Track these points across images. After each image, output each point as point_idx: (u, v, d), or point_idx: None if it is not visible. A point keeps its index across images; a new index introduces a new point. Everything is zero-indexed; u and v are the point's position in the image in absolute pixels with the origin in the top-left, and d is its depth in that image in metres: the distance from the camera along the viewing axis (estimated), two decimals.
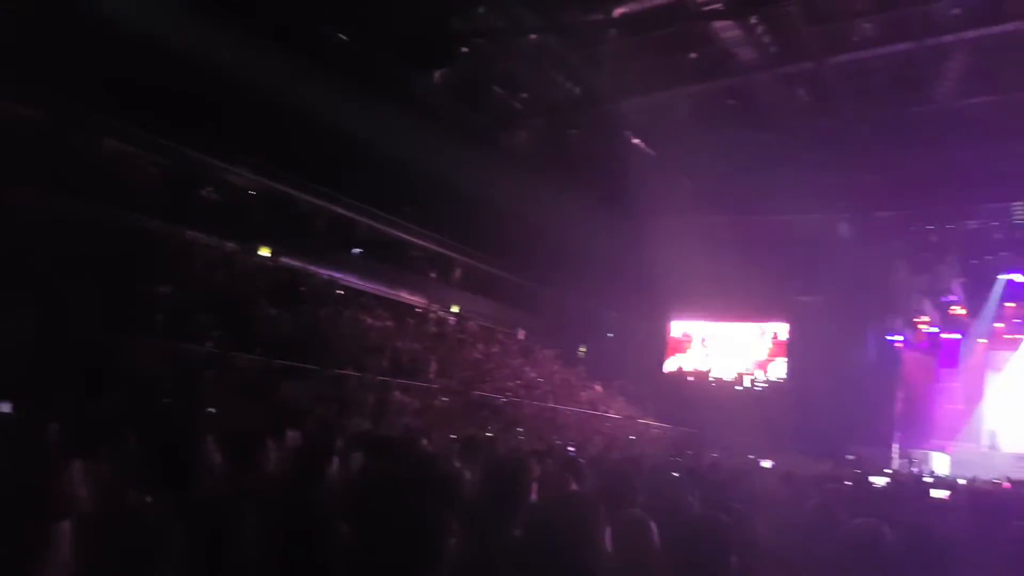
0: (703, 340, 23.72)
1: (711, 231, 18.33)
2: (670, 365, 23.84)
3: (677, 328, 24.13)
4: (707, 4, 13.08)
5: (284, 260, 13.29)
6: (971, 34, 13.34)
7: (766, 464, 11.91)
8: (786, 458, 13.35)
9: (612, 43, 14.31)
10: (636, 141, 17.50)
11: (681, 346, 24.02)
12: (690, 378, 23.29)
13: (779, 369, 22.13)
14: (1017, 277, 20.82)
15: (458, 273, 18.62)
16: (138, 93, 10.49)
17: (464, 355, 14.87)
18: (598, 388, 18.45)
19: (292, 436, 4.71)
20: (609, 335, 22.81)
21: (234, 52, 10.90)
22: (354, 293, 14.37)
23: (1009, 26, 12.92)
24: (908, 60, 14.39)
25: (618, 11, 13.82)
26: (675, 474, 8.62)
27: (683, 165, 17.58)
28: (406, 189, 15.09)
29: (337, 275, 14.24)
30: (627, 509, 3.69)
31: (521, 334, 18.80)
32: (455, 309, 17.37)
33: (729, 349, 23.24)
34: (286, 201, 14.49)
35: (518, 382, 15.18)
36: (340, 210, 15.28)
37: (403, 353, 12.86)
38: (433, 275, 17.92)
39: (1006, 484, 13.02)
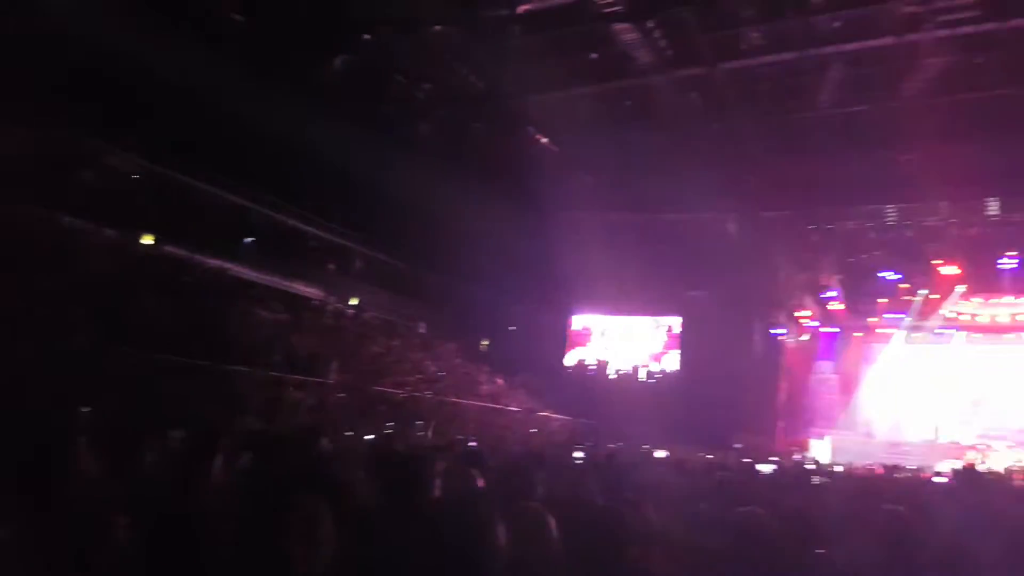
0: (602, 333, 24.28)
1: (610, 227, 18.78)
2: (571, 358, 24.27)
3: (578, 321, 24.60)
4: (607, 6, 13.29)
5: (169, 249, 12.57)
6: (849, 47, 14.20)
7: (660, 454, 12.26)
8: (679, 447, 13.82)
9: (516, 39, 14.35)
10: (539, 137, 17.66)
11: (582, 339, 24.50)
12: (590, 370, 23.78)
13: (672, 361, 22.95)
14: (889, 275, 22.45)
15: (358, 265, 18.22)
16: (5, 63, 9.61)
17: (363, 349, 14.56)
18: (500, 381, 18.53)
19: (174, 436, 4.45)
20: (511, 328, 22.97)
21: (119, 26, 10.16)
22: (246, 284, 13.77)
23: (883, 40, 13.82)
24: (792, 69, 15.13)
25: (522, 8, 13.87)
26: (577, 464, 8.76)
27: (584, 162, 17.88)
28: (303, 177, 14.56)
29: (227, 265, 13.61)
30: (526, 503, 3.68)
31: (422, 327, 18.62)
32: (354, 302, 16.98)
33: (627, 342, 23.90)
34: (172, 186, 13.70)
35: (419, 376, 15.01)
36: (232, 197, 14.60)
37: (298, 348, 12.44)
38: (331, 267, 17.44)
39: (879, 469, 13.97)
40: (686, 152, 17.18)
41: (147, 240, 12.39)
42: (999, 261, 20.43)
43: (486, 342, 21.83)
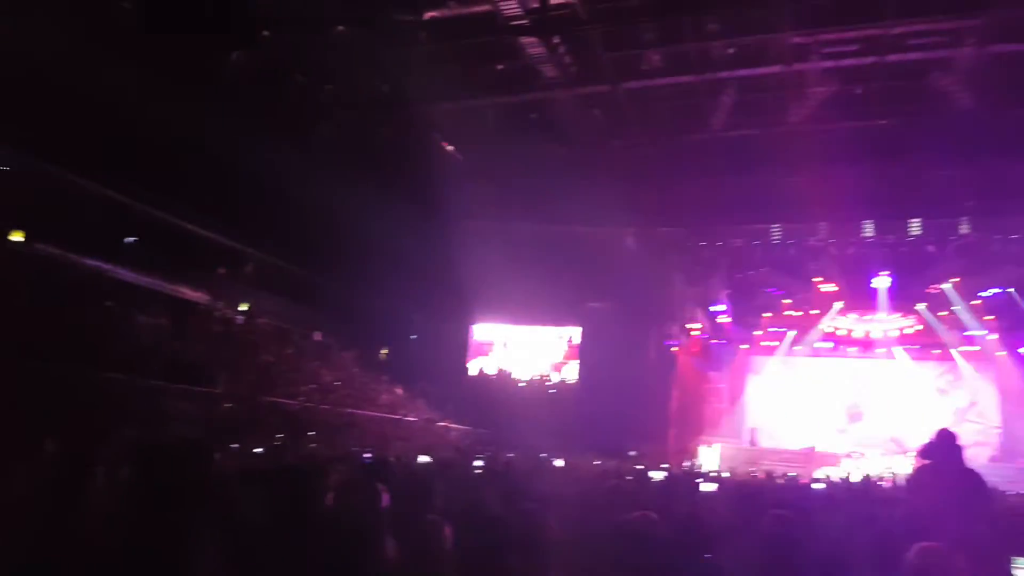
0: (504, 343, 24.38)
1: (513, 238, 18.90)
2: (473, 367, 24.22)
3: (480, 331, 24.60)
4: (514, 19, 13.41)
5: (40, 247, 11.64)
6: (741, 73, 14.94)
7: (558, 463, 12.35)
8: (576, 456, 13.99)
9: (422, 45, 14.26)
10: (445, 145, 17.59)
11: (484, 349, 24.50)
12: (492, 380, 23.80)
13: (572, 371, 23.30)
14: (775, 291, 23.70)
15: (249, 269, 17.45)
16: None
17: (254, 358, 13.97)
18: (400, 391, 18.24)
19: (46, 447, 4.10)
20: (412, 337, 22.68)
21: None
22: (126, 287, 12.91)
23: (772, 68, 14.62)
24: (689, 91, 15.78)
25: (428, 14, 13.80)
26: (476, 474, 8.70)
27: (489, 172, 17.94)
28: (191, 175, 13.78)
29: (106, 267, 12.73)
30: (422, 513, 3.60)
31: (318, 335, 18.06)
32: (244, 308, 16.25)
33: (529, 352, 24.09)
34: (45, 181, 12.70)
35: (313, 386, 14.55)
36: (112, 193, 13.62)
37: (182, 355, 11.78)
38: (221, 270, 16.63)
39: (762, 476, 14.59)
40: (588, 167, 17.56)
41: (16, 237, 11.44)
42: (873, 279, 21.96)
43: (386, 351, 21.46)
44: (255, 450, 9.31)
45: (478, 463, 10.16)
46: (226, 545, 2.49)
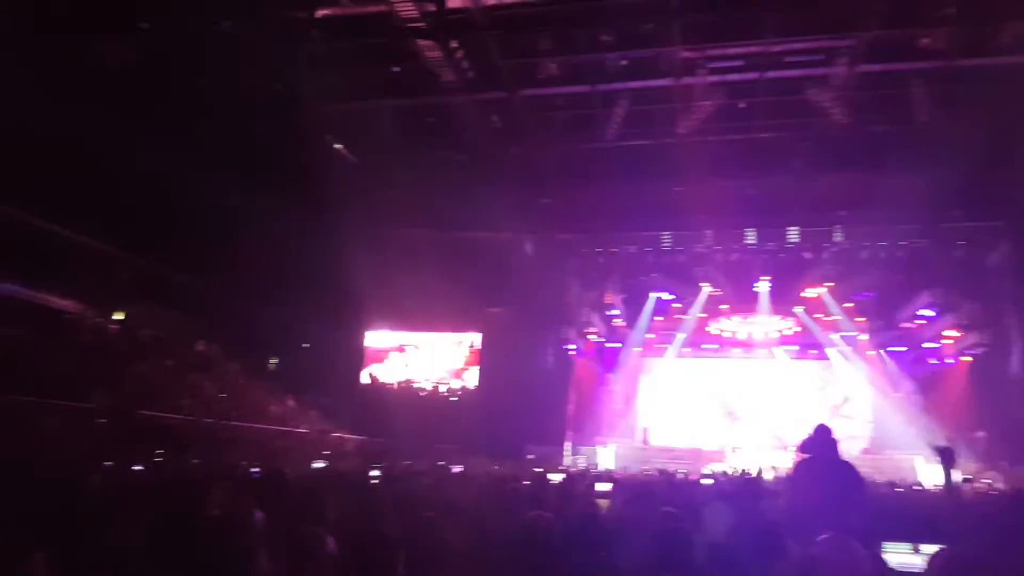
0: (401, 350, 24.00)
1: (410, 243, 18.65)
2: (367, 376, 23.71)
3: (375, 338, 24.12)
4: (410, 21, 13.26)
5: None
6: (634, 84, 15.38)
7: (457, 469, 12.28)
8: (475, 461, 13.95)
9: (315, 44, 13.86)
10: (339, 147, 17.17)
11: (379, 356, 24.03)
12: (388, 388, 23.38)
13: (473, 377, 23.22)
14: (664, 295, 24.56)
15: (124, 276, 16.29)
16: None
17: (130, 370, 13.09)
18: (290, 402, 17.60)
19: None
20: (304, 345, 21.96)
21: None
22: None
23: (663, 81, 15.13)
24: (584, 101, 16.09)
25: (321, 12, 13.44)
26: (371, 484, 8.49)
27: (385, 176, 17.62)
28: (58, 174, 12.72)
29: None
30: (307, 527, 3.44)
31: (201, 345, 17.14)
32: (119, 316, 15.19)
33: (428, 359, 23.82)
34: None
35: (196, 399, 13.80)
36: None
37: (46, 368, 10.88)
38: (92, 277, 15.43)
39: (654, 474, 15.02)
40: (486, 173, 17.60)
41: None
42: (755, 284, 23.15)
43: (275, 360, 20.64)
44: (134, 468, 8.74)
45: (374, 473, 9.96)
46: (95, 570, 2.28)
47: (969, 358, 20.93)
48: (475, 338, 23.55)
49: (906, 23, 13.11)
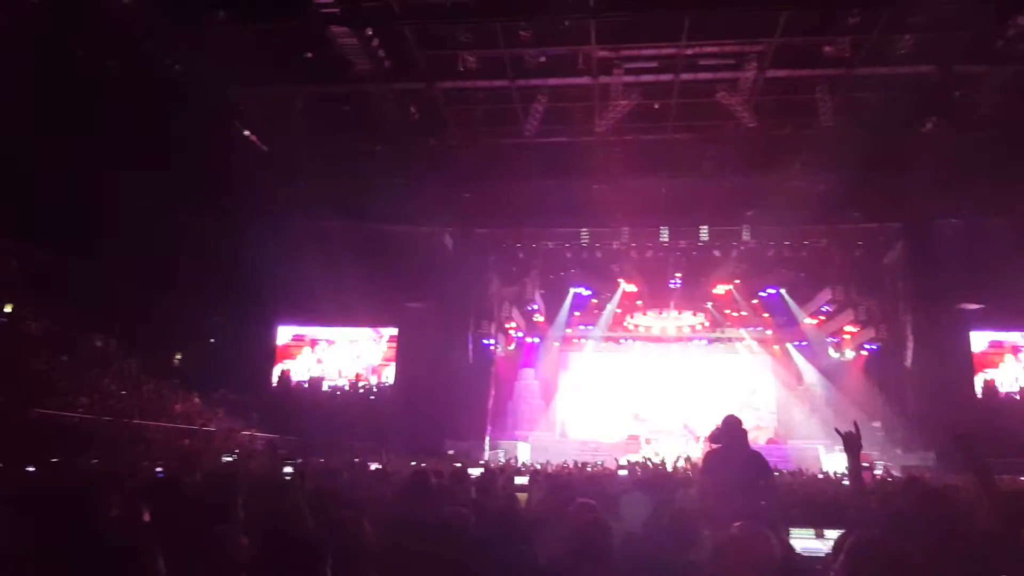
0: (315, 345, 23.40)
1: (325, 235, 18.17)
2: (279, 372, 23.00)
3: (287, 333, 23.40)
4: (324, 7, 12.90)
5: None
6: (552, 81, 15.48)
7: (374, 466, 12.08)
8: (394, 458, 13.75)
9: (222, 26, 13.27)
10: (248, 134, 16.54)
11: (291, 352, 23.35)
12: (302, 384, 22.76)
13: (391, 373, 22.85)
14: (583, 291, 24.94)
15: (13, 266, 15.14)
16: None
17: (19, 366, 12.21)
18: (196, 400, 16.85)
19: None
20: (211, 340, 21.07)
21: None
22: None
23: (581, 80, 15.29)
24: (504, 96, 16.08)
25: None
26: (284, 483, 8.22)
27: (298, 166, 17.09)
28: None
29: None
30: (218, 527, 3.30)
31: (99, 340, 16.16)
32: (8, 309, 14.15)
33: (344, 354, 23.30)
34: None
35: (95, 396, 13.03)
36: None
37: None
38: None
39: (572, 466, 15.23)
40: (404, 165, 17.36)
41: None
42: (669, 280, 23.80)
43: (179, 356, 19.69)
44: (27, 469, 8.18)
45: (287, 470, 9.66)
46: None
47: (866, 352, 22.16)
48: (393, 332, 23.19)
49: (811, 31, 13.71)
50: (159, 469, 8.88)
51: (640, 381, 26.45)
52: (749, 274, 23.28)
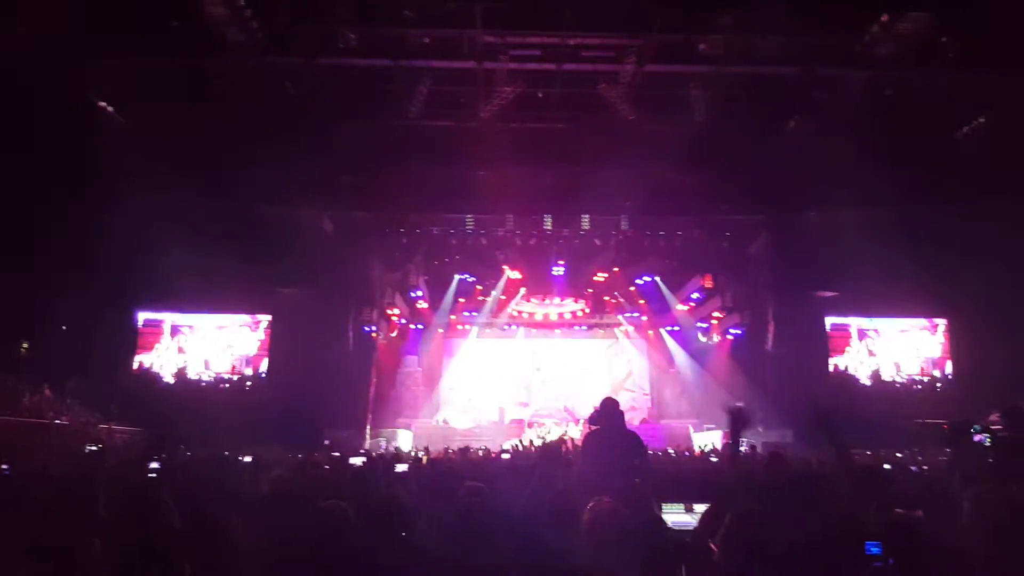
0: (177, 333, 22.07)
1: (191, 215, 17.09)
2: (139, 361, 21.57)
3: (148, 319, 21.95)
4: None
5: None
6: (437, 64, 15.28)
7: (247, 459, 11.59)
8: (269, 449, 13.23)
9: None
10: (104, 106, 15.28)
11: (154, 339, 21.93)
12: (167, 374, 21.48)
13: (264, 361, 21.96)
14: (467, 277, 24.96)
15: None
16: None
17: None
18: (47, 391, 15.55)
19: None
20: (63, 328, 19.34)
21: None
22: None
23: (466, 64, 15.18)
24: (386, 76, 15.70)
25: None
26: (150, 479, 7.74)
27: (162, 142, 15.96)
28: None
29: None
30: (69, 531, 3.11)
31: None
32: None
33: (211, 342, 22.15)
34: None
35: None
36: None
37: None
38: None
39: (454, 451, 15.25)
40: (280, 144, 16.57)
41: None
42: (552, 268, 24.24)
43: (26, 345, 17.97)
44: None
45: (153, 466, 9.14)
46: None
47: (731, 337, 23.50)
48: (267, 319, 22.27)
49: (687, 28, 14.25)
50: (4, 466, 8.13)
51: (523, 367, 26.88)
52: (627, 262, 24.09)
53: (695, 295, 24.04)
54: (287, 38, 14.04)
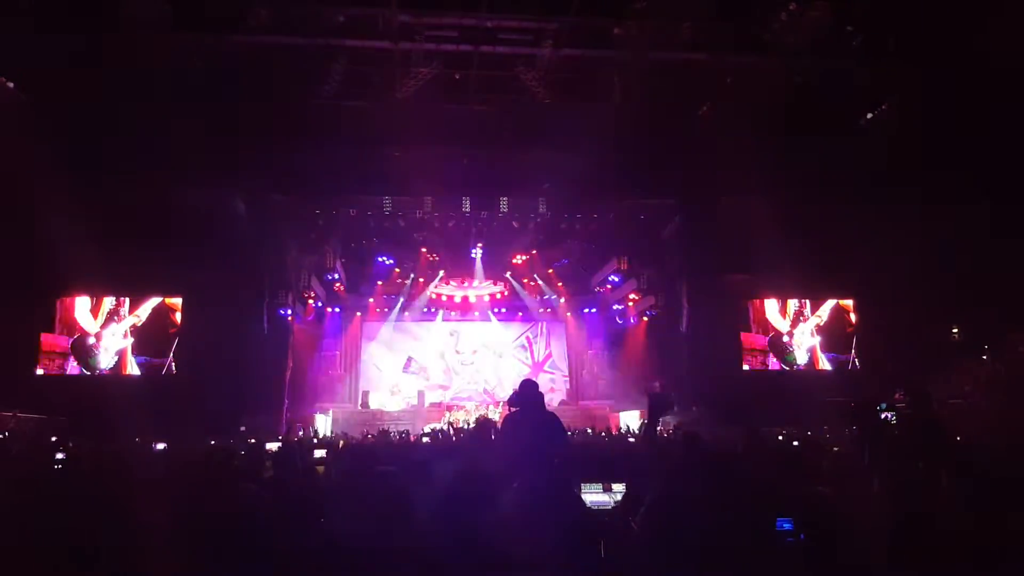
0: (80, 318, 20.96)
1: (93, 195, 16.21)
2: (44, 345, 20.40)
3: (52, 303, 20.73)
4: None
5: None
6: (351, 43, 14.96)
7: (160, 446, 11.23)
8: (181, 437, 12.79)
9: None
10: (3, 80, 14.29)
11: (61, 322, 20.75)
12: (74, 359, 20.40)
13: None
14: (385, 260, 24.69)
15: None
16: None
17: None
18: None
19: None
20: None
21: None
22: None
23: (381, 43, 14.94)
24: (299, 55, 15.26)
25: None
26: (56, 468, 7.41)
27: (58, 119, 15.06)
28: None
29: None
30: None
31: None
32: None
33: (122, 327, 21.11)
34: None
35: None
36: None
37: None
38: None
39: (372, 436, 15.17)
40: (189, 123, 15.88)
41: None
42: (471, 250, 24.25)
43: None
44: None
45: (59, 456, 8.77)
46: None
47: (647, 319, 24.15)
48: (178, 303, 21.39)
49: (603, 13, 14.44)
50: None
51: (442, 350, 26.87)
52: (544, 245, 24.35)
53: (612, 278, 24.53)
54: (194, 13, 13.44)
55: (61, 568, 2.74)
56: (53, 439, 13.14)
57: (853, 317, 23.10)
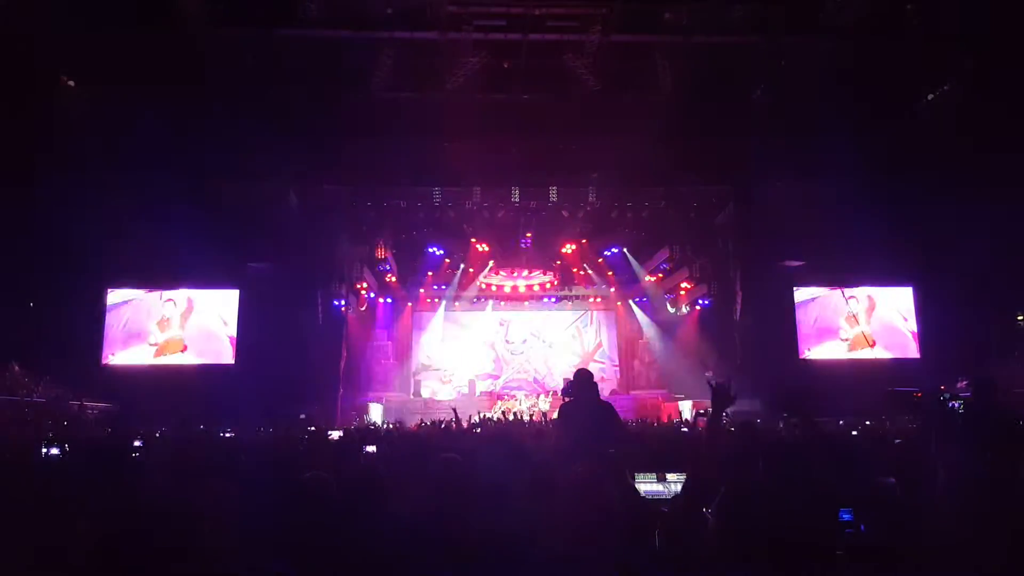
0: (149, 313, 21.73)
1: (158, 192, 16.73)
2: (112, 336, 21.23)
3: (118, 297, 21.54)
4: None
5: None
6: (400, 35, 15.04)
7: (227, 434, 11.63)
8: (245, 426, 13.22)
9: None
10: (67, 81, 14.81)
11: (126, 315, 21.54)
12: (140, 350, 21.19)
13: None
14: (436, 250, 24.90)
15: None
16: None
17: None
18: (16, 368, 15.29)
19: None
20: (30, 304, 18.91)
21: None
22: None
23: (429, 34, 15.00)
24: (348, 47, 15.42)
25: None
26: (134, 456, 7.74)
27: (120, 115, 15.53)
28: None
29: None
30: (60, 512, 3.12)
31: None
32: None
33: (186, 318, 21.80)
34: None
35: None
36: None
37: None
38: None
39: (427, 424, 15.36)
40: (241, 117, 16.23)
41: None
42: (520, 241, 24.27)
43: None
44: None
45: (136, 444, 9.14)
46: None
47: (699, 307, 23.82)
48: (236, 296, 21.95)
49: None
50: None
51: (492, 339, 27.01)
52: (594, 234, 24.20)
53: (663, 266, 24.27)
54: (245, 8, 13.70)
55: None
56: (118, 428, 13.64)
57: (913, 304, 22.41)
